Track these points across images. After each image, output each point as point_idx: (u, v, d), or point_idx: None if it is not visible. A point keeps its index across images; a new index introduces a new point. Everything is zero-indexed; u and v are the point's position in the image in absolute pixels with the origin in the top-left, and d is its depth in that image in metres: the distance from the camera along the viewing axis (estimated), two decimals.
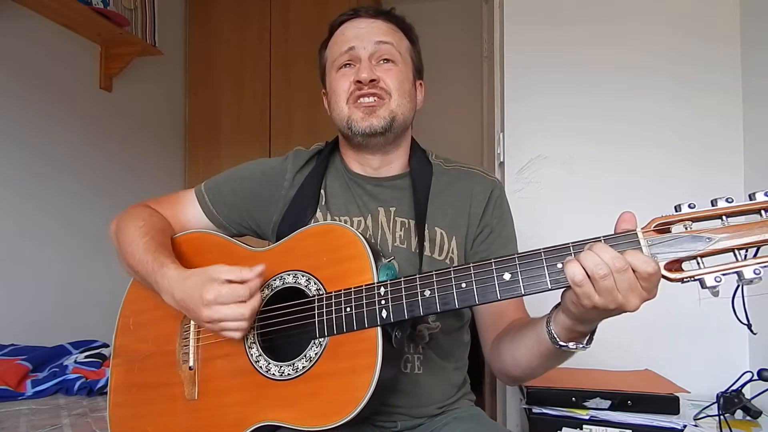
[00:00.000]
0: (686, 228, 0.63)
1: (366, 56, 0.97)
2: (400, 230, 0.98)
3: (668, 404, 1.33)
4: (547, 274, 0.68)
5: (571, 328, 0.72)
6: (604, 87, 1.78)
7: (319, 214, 0.99)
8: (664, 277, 0.64)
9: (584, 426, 1.33)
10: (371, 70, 0.96)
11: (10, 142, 1.97)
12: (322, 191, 1.01)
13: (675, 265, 0.63)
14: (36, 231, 2.07)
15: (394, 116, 0.97)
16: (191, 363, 0.91)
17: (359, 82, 0.95)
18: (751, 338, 1.63)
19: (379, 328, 0.76)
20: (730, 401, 1.37)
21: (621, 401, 1.33)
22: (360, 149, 1.01)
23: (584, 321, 0.71)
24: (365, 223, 0.99)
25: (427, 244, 0.96)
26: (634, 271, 0.63)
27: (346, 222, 0.98)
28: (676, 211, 0.64)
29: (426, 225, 0.97)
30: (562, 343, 0.74)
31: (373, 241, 0.95)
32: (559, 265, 0.67)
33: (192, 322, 0.93)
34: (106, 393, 1.45)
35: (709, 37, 1.71)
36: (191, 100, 3.06)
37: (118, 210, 1.08)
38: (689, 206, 0.63)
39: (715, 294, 0.62)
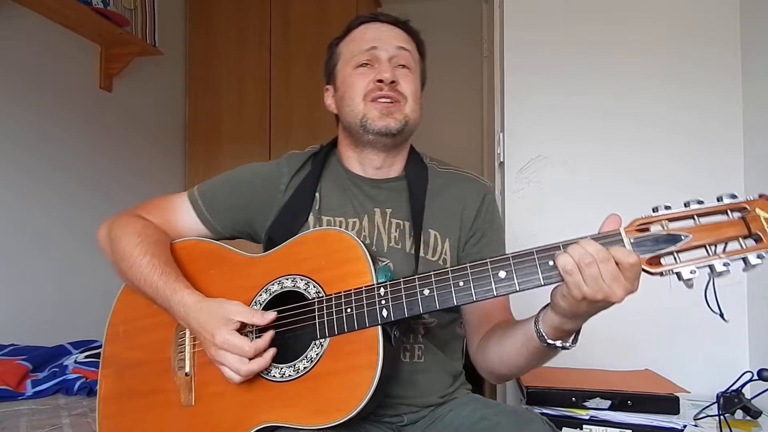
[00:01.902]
0: (663, 227, 0.70)
1: (386, 58, 0.99)
2: (395, 231, 1.00)
3: (668, 404, 1.33)
4: (539, 271, 0.73)
5: (559, 327, 0.77)
6: (604, 87, 1.78)
7: (311, 218, 1.00)
8: (645, 271, 0.70)
9: (584, 426, 1.33)
10: (393, 72, 0.98)
11: (10, 142, 1.97)
12: (317, 194, 1.02)
13: (655, 260, 0.70)
14: (36, 231, 2.07)
15: (407, 120, 0.99)
16: (187, 369, 0.91)
17: (380, 81, 0.97)
18: (751, 338, 1.63)
19: (379, 327, 0.78)
20: (730, 401, 1.37)
21: (621, 401, 1.33)
22: (365, 147, 1.02)
23: (573, 316, 0.75)
24: (361, 223, 1.00)
25: (421, 245, 0.98)
26: (617, 263, 0.69)
27: (341, 223, 1.00)
28: (654, 212, 0.71)
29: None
30: (549, 341, 0.78)
31: (368, 242, 0.97)
32: (551, 263, 0.72)
33: (188, 329, 0.93)
34: None
35: (709, 39, 1.71)
36: (191, 100, 3.06)
37: (117, 209, 1.08)
38: (666, 207, 0.70)
39: (690, 286, 0.69)
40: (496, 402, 1.01)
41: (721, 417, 1.32)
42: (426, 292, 0.77)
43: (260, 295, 0.88)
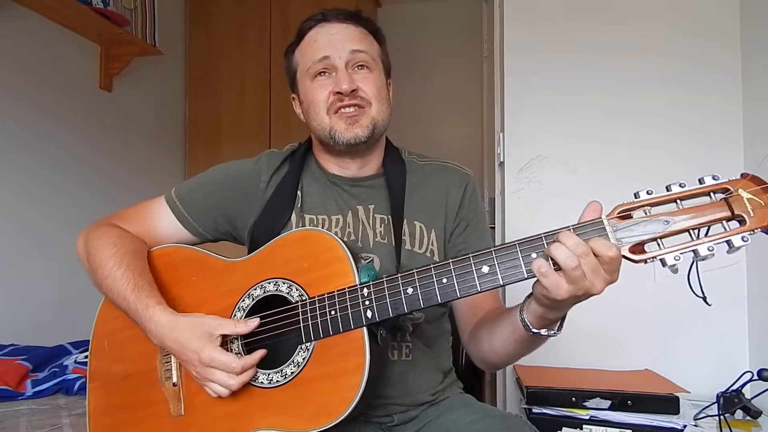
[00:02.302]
0: (646, 213, 0.68)
1: (342, 65, 0.96)
2: (380, 226, 1.00)
3: (668, 404, 1.33)
4: (522, 264, 0.72)
5: (543, 316, 0.76)
6: (604, 87, 1.78)
7: (294, 217, 0.99)
8: (628, 258, 0.68)
9: (584, 426, 1.33)
10: (350, 80, 0.95)
11: (10, 142, 1.97)
12: (299, 192, 1.01)
13: (638, 247, 0.68)
14: (36, 231, 2.07)
15: (375, 123, 0.97)
16: (175, 379, 0.90)
17: (339, 93, 0.95)
18: (751, 338, 1.63)
19: (365, 329, 0.77)
20: (730, 401, 1.37)
21: (621, 401, 1.34)
22: (340, 155, 1.01)
23: (555, 308, 0.74)
24: (345, 220, 1.00)
25: (407, 238, 0.98)
26: (597, 256, 0.67)
27: (323, 221, 0.99)
28: (636, 197, 0.69)
29: (405, 220, 0.99)
30: (534, 330, 0.78)
31: (354, 238, 0.97)
32: (534, 255, 0.71)
33: None
34: None
35: (709, 39, 1.71)
36: (191, 100, 3.06)
37: (117, 209, 1.08)
38: (647, 192, 0.69)
39: (674, 271, 0.67)
40: (485, 405, 1.00)
41: (721, 417, 1.32)
42: (410, 290, 0.76)
43: (243, 300, 0.87)
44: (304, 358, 0.80)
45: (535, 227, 1.85)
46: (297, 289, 0.84)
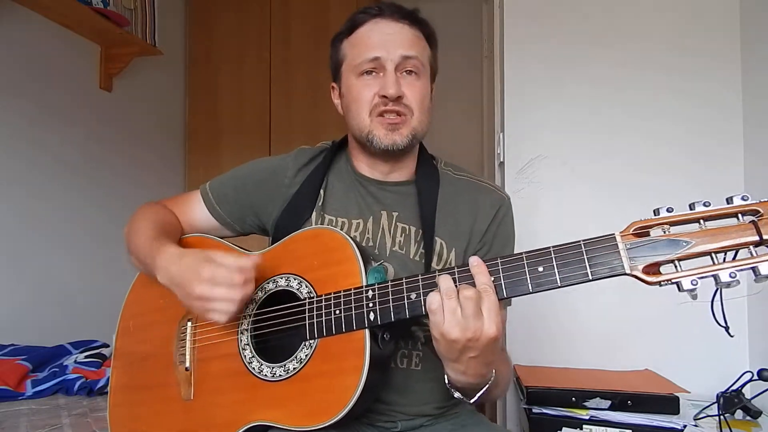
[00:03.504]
0: (664, 231, 0.64)
1: (392, 68, 0.94)
2: (401, 236, 0.97)
3: (668, 404, 1.33)
4: (528, 278, 0.70)
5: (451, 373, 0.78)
6: (604, 87, 1.78)
7: (314, 216, 0.99)
8: (640, 279, 0.64)
9: (584, 426, 1.33)
10: (398, 85, 0.93)
11: (10, 142, 1.97)
12: (322, 191, 1.01)
13: (653, 268, 0.64)
14: (36, 231, 2.07)
15: (415, 134, 0.96)
16: (187, 364, 0.92)
17: (385, 96, 0.93)
18: (751, 338, 1.63)
19: (367, 330, 0.77)
20: (730, 401, 1.37)
21: (621, 401, 1.34)
22: (374, 156, 1.00)
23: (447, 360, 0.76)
24: (365, 225, 0.98)
25: (425, 251, 0.95)
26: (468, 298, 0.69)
27: (343, 224, 0.98)
28: (655, 215, 0.65)
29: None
30: (447, 384, 0.80)
31: (371, 243, 0.96)
32: (541, 269, 0.69)
33: (189, 324, 0.94)
34: (106, 393, 1.45)
35: (709, 31, 1.71)
36: (191, 101, 3.06)
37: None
38: (667, 210, 0.64)
39: (694, 297, 0.63)
40: (496, 426, 0.99)
41: (721, 417, 1.32)
42: (413, 296, 0.75)
43: (256, 293, 0.89)
44: (306, 355, 0.81)
45: (535, 227, 1.85)
46: (306, 286, 0.85)
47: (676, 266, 0.63)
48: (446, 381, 0.80)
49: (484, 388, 0.80)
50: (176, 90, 3.02)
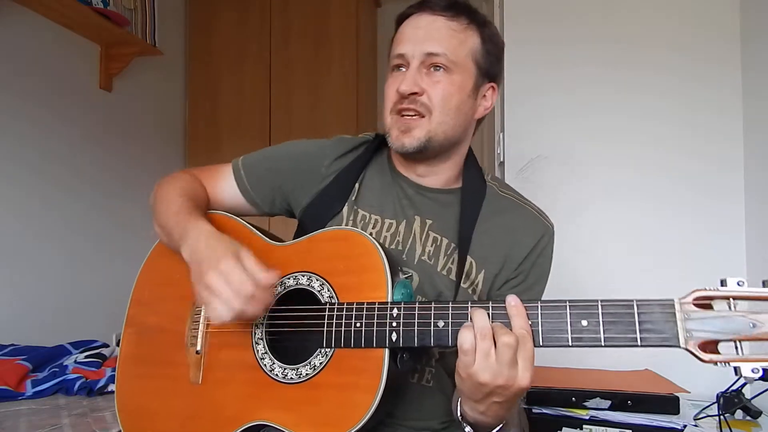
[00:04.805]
0: (730, 307, 0.58)
1: (415, 64, 0.89)
2: (431, 246, 0.92)
3: (668, 404, 1.33)
4: (569, 331, 0.64)
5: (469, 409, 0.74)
6: (604, 87, 1.78)
7: (345, 209, 0.94)
8: (695, 355, 0.59)
9: (584, 426, 1.33)
10: (414, 81, 0.88)
11: (10, 142, 1.97)
12: (357, 185, 0.96)
13: (710, 345, 0.59)
14: (35, 231, 2.07)
15: (431, 136, 0.89)
16: (199, 347, 0.90)
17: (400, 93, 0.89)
18: None
19: (386, 350, 0.74)
20: (730, 401, 1.37)
21: (621, 401, 1.33)
22: (404, 156, 0.95)
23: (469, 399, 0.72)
24: (397, 227, 0.94)
25: (453, 267, 0.91)
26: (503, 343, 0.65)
27: (376, 222, 0.94)
28: (722, 285, 0.59)
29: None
30: (462, 421, 0.76)
31: (400, 248, 0.92)
32: (584, 323, 0.63)
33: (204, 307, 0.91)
34: (106, 393, 1.46)
35: (709, 32, 1.71)
36: (191, 100, 3.06)
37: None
38: (738, 283, 0.59)
39: (749, 381, 0.60)
40: None
41: (721, 417, 1.31)
42: (440, 324, 0.71)
43: (275, 287, 0.85)
44: (321, 363, 0.78)
45: None
46: (328, 290, 0.81)
47: (737, 347, 0.58)
48: (458, 414, 0.76)
49: (498, 428, 0.75)
50: (176, 90, 3.02)
